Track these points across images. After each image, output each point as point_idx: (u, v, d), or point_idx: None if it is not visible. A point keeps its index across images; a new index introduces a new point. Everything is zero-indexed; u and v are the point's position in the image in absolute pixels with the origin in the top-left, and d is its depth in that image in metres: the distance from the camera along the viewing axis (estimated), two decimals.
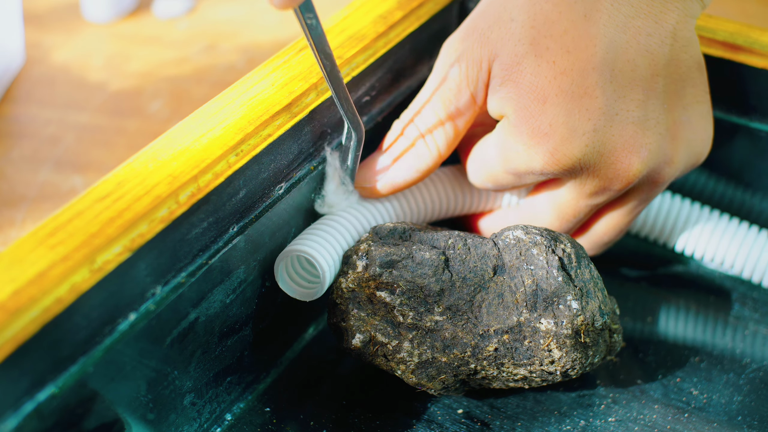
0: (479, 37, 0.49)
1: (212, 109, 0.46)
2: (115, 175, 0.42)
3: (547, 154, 0.48)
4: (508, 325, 0.46)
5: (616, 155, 0.49)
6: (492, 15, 0.49)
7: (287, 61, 0.49)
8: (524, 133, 0.48)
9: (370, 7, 0.53)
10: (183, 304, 0.44)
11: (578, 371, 0.47)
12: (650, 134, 0.49)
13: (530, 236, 0.47)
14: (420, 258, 0.47)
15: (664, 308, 0.56)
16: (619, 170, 0.49)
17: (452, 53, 0.50)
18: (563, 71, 0.47)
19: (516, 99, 0.48)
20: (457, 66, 0.50)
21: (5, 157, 0.69)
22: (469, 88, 0.50)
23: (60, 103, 0.74)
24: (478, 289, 0.47)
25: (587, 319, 0.46)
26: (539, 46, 0.47)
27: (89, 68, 0.78)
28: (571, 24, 0.47)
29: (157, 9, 0.85)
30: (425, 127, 0.50)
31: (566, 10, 0.47)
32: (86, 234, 0.39)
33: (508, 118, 0.49)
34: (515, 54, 0.48)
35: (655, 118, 0.49)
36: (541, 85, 0.47)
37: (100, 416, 0.42)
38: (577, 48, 0.47)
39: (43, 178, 0.68)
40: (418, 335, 0.47)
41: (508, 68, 0.48)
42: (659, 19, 0.48)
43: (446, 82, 0.50)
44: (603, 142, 0.48)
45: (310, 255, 0.47)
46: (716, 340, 0.54)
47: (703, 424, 0.49)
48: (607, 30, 0.47)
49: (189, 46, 0.81)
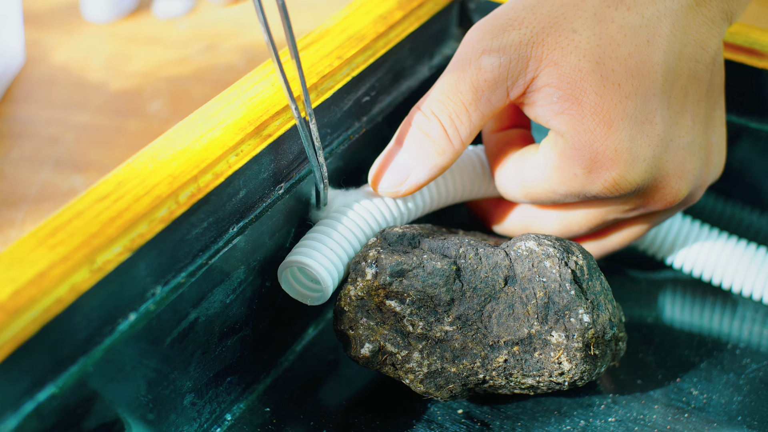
0: (531, 36, 0.47)
1: (212, 109, 0.46)
2: (115, 175, 0.42)
3: (609, 180, 0.47)
4: (518, 337, 0.46)
5: (668, 180, 0.49)
6: (546, 16, 0.47)
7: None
8: (586, 157, 0.47)
9: (370, 7, 0.53)
10: (183, 304, 0.44)
11: (586, 381, 0.47)
12: (695, 159, 0.49)
13: (543, 248, 0.47)
14: (431, 267, 0.46)
15: (664, 308, 0.56)
16: (667, 194, 0.49)
17: (488, 41, 0.47)
18: (627, 95, 0.47)
19: (579, 119, 0.47)
20: (496, 57, 0.47)
21: (5, 157, 0.69)
22: (507, 83, 0.47)
23: (60, 103, 0.74)
24: (488, 300, 0.46)
25: (598, 332, 0.46)
26: (605, 66, 0.46)
27: (89, 68, 0.78)
28: (635, 48, 0.47)
29: (157, 9, 0.85)
30: (449, 119, 0.48)
31: (631, 34, 0.47)
32: (86, 234, 0.39)
33: (565, 138, 0.47)
34: (579, 69, 0.46)
35: (699, 143, 0.49)
36: (606, 107, 0.46)
37: (100, 416, 0.42)
38: (641, 73, 0.47)
39: (43, 178, 0.67)
40: (427, 345, 0.47)
41: (570, 83, 0.46)
42: (705, 45, 0.48)
43: (481, 72, 0.47)
44: (659, 167, 0.48)
45: (311, 267, 0.47)
46: (716, 340, 0.54)
47: (703, 424, 0.49)
48: (666, 57, 0.47)
49: (189, 46, 0.81)
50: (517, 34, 0.47)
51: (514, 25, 0.47)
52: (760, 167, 0.57)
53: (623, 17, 0.47)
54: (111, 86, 0.76)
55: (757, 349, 0.53)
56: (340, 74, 0.50)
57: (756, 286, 0.55)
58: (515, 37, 0.47)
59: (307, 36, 0.51)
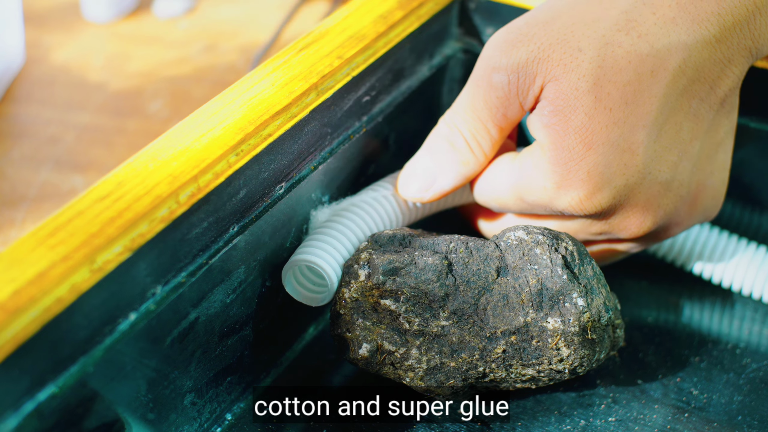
0: (538, 52, 0.47)
1: (212, 109, 0.46)
2: (115, 175, 0.42)
3: (575, 199, 0.48)
4: (514, 326, 0.46)
5: (634, 210, 0.48)
6: (556, 33, 0.47)
7: (287, 61, 0.49)
8: (558, 173, 0.47)
9: (370, 7, 0.53)
10: (183, 303, 0.44)
11: (586, 368, 0.47)
12: (671, 196, 0.49)
13: (532, 236, 0.47)
14: (423, 264, 0.47)
15: (664, 308, 0.56)
16: (631, 225, 0.49)
17: (498, 58, 0.48)
18: (616, 122, 0.46)
19: (561, 136, 0.47)
20: (505, 75, 0.48)
21: (5, 157, 0.69)
22: (519, 98, 0.48)
23: (60, 103, 0.74)
24: (482, 292, 0.47)
25: (593, 315, 0.46)
26: (601, 89, 0.46)
27: (89, 68, 0.78)
28: (637, 77, 0.46)
29: (157, 9, 0.85)
30: (470, 133, 0.49)
31: (636, 61, 0.46)
32: (86, 234, 0.39)
33: (544, 151, 0.48)
34: (576, 88, 0.46)
35: (681, 181, 0.49)
36: (591, 129, 0.46)
37: (100, 416, 0.42)
38: (636, 102, 0.46)
39: (43, 178, 0.68)
40: (425, 341, 0.47)
41: (564, 99, 0.47)
42: (715, 84, 0.47)
43: (492, 89, 0.48)
44: (627, 196, 0.48)
45: (316, 264, 0.47)
46: (716, 340, 0.54)
47: (703, 424, 0.49)
48: (667, 91, 0.46)
49: (189, 46, 0.81)
50: (525, 51, 0.47)
51: (524, 41, 0.47)
52: (760, 167, 0.57)
53: (632, 43, 0.46)
54: (111, 86, 0.76)
55: (757, 349, 0.53)
56: (340, 74, 0.50)
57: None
58: (523, 54, 0.47)
59: (307, 36, 0.51)
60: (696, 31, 0.46)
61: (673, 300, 0.57)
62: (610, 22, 0.46)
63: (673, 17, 0.46)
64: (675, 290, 0.57)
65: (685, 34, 0.46)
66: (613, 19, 0.47)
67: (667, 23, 0.46)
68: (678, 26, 0.46)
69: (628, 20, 0.46)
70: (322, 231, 0.49)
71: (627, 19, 0.46)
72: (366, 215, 0.50)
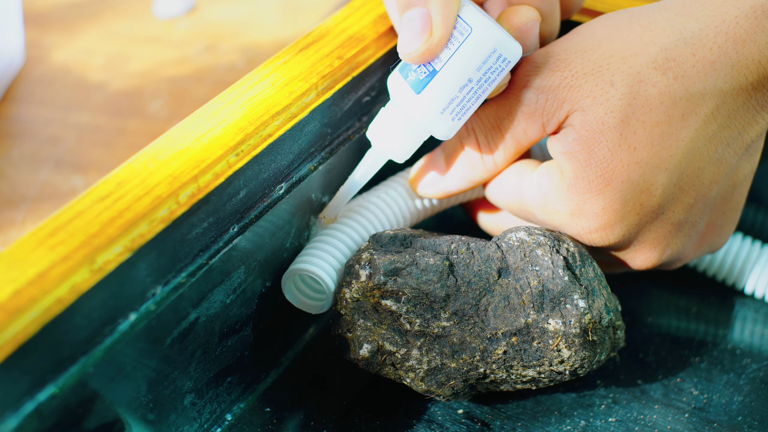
0: (570, 80, 0.47)
1: (212, 109, 0.46)
2: (115, 175, 0.42)
3: (585, 229, 0.47)
4: (516, 327, 0.46)
5: (642, 247, 0.48)
6: (592, 63, 0.46)
7: (287, 62, 0.49)
8: (574, 202, 0.47)
9: (370, 7, 0.53)
10: (183, 304, 0.44)
11: (586, 369, 0.47)
12: (681, 236, 0.48)
13: (534, 237, 0.47)
14: (424, 264, 0.47)
15: (664, 308, 0.56)
16: (636, 259, 0.49)
17: (532, 77, 0.47)
18: (638, 162, 0.46)
19: (583, 166, 0.46)
20: (535, 94, 0.47)
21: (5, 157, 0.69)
22: (543, 119, 0.48)
23: (60, 103, 0.74)
24: (483, 293, 0.47)
25: (594, 317, 0.46)
26: (628, 127, 0.46)
27: (89, 68, 0.78)
28: (667, 119, 0.45)
29: (157, 9, 0.85)
30: (485, 139, 0.49)
31: (668, 103, 0.45)
32: (86, 234, 0.39)
33: (563, 177, 0.47)
34: (603, 123, 0.46)
35: (693, 222, 0.48)
36: (613, 166, 0.46)
37: (101, 416, 0.42)
38: (662, 145, 0.46)
39: (43, 178, 0.68)
40: (426, 342, 0.47)
41: (589, 131, 0.46)
42: (743, 130, 0.47)
43: (520, 104, 0.48)
44: (638, 234, 0.48)
45: (314, 273, 0.47)
46: (716, 340, 0.54)
47: (703, 424, 0.49)
48: (696, 136, 0.46)
49: (189, 46, 0.81)
50: (559, 76, 0.47)
51: (560, 66, 0.47)
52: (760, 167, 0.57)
53: (667, 84, 0.45)
54: (111, 86, 0.76)
55: (757, 349, 0.53)
56: (340, 74, 0.50)
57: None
58: (556, 79, 0.47)
59: (308, 36, 0.51)
60: (734, 78, 0.45)
61: (673, 300, 0.57)
62: (647, 59, 0.46)
63: (713, 61, 0.45)
64: (675, 291, 0.57)
65: (722, 81, 0.45)
66: (651, 56, 0.46)
67: (706, 67, 0.45)
68: (717, 71, 0.45)
69: (667, 59, 0.45)
70: (321, 239, 0.49)
71: (665, 58, 0.45)
72: (367, 221, 0.50)
